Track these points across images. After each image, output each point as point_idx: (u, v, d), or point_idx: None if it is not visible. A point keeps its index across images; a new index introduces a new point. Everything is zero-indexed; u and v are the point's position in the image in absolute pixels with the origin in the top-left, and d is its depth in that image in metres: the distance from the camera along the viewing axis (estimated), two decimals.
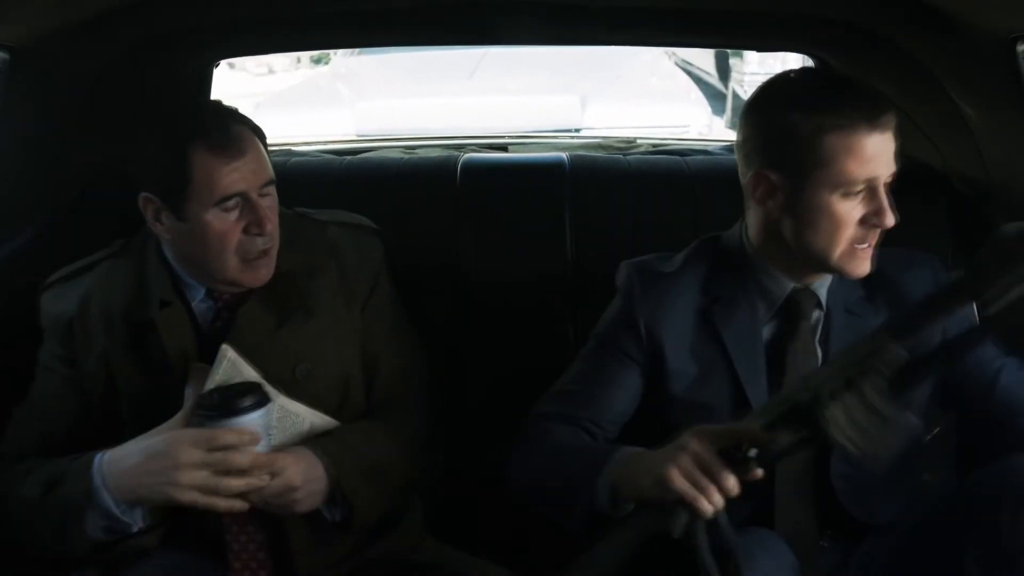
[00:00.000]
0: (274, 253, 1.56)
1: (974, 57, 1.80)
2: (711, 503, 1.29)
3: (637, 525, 1.36)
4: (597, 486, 1.40)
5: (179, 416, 1.43)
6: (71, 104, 1.91)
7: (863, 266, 1.50)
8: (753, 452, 1.31)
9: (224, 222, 1.50)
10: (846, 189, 1.46)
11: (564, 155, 2.17)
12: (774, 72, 1.64)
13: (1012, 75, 1.74)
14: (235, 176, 1.49)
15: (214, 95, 2.37)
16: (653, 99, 5.09)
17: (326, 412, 1.57)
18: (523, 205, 2.06)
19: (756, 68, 7.01)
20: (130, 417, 1.53)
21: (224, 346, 1.47)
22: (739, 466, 1.31)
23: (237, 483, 1.39)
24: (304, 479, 1.45)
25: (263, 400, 1.42)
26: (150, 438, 1.41)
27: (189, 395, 1.47)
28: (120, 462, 1.41)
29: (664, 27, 2.16)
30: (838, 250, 1.48)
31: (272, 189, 1.56)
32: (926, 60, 1.94)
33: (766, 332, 1.56)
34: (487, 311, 2.03)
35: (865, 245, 1.49)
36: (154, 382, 1.53)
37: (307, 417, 1.54)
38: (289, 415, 1.52)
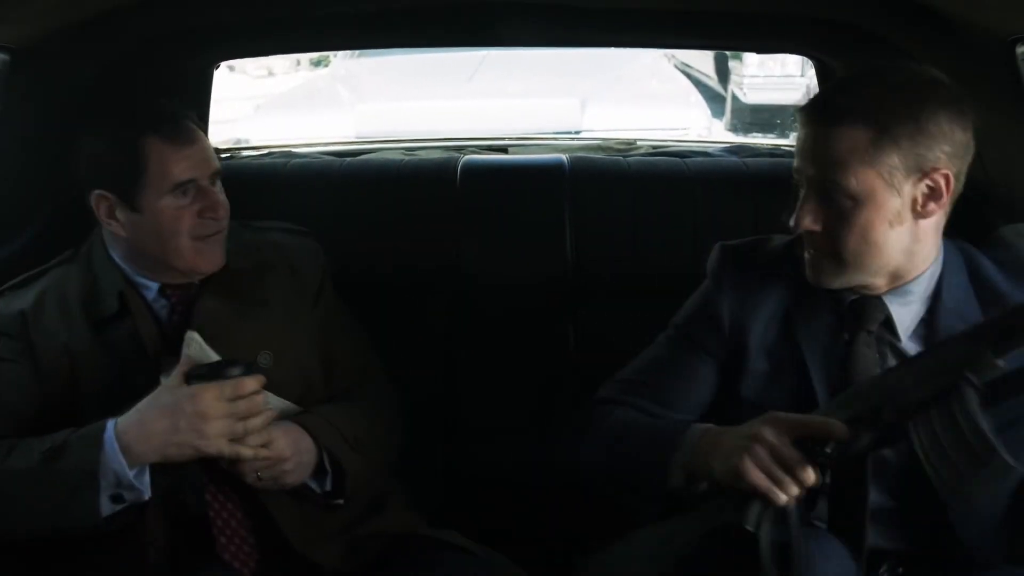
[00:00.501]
0: (224, 238, 1.62)
1: (974, 58, 1.80)
2: (787, 495, 1.24)
3: (709, 516, 1.31)
4: (671, 465, 1.35)
5: (169, 383, 1.44)
6: (71, 104, 1.91)
7: None
8: (831, 448, 1.24)
9: (178, 209, 1.55)
10: None
11: (564, 157, 2.17)
12: (774, 74, 1.62)
13: (1012, 76, 1.74)
14: (187, 163, 1.55)
15: (214, 97, 2.37)
16: (653, 101, 5.09)
17: (291, 399, 1.60)
18: (523, 207, 2.06)
19: (755, 71, 7.02)
20: (91, 409, 1.53)
21: (189, 332, 1.49)
22: (815, 460, 1.24)
23: (262, 420, 1.45)
24: (293, 450, 1.50)
25: (251, 368, 1.47)
26: (159, 400, 1.43)
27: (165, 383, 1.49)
28: (138, 427, 1.42)
29: (664, 29, 2.17)
30: None
31: (219, 182, 1.61)
32: (926, 61, 1.94)
33: (846, 342, 1.43)
34: (487, 312, 2.03)
35: None
36: (125, 372, 1.55)
37: (276, 404, 1.56)
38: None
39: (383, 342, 1.83)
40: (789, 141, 3.08)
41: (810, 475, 1.24)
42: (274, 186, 2.08)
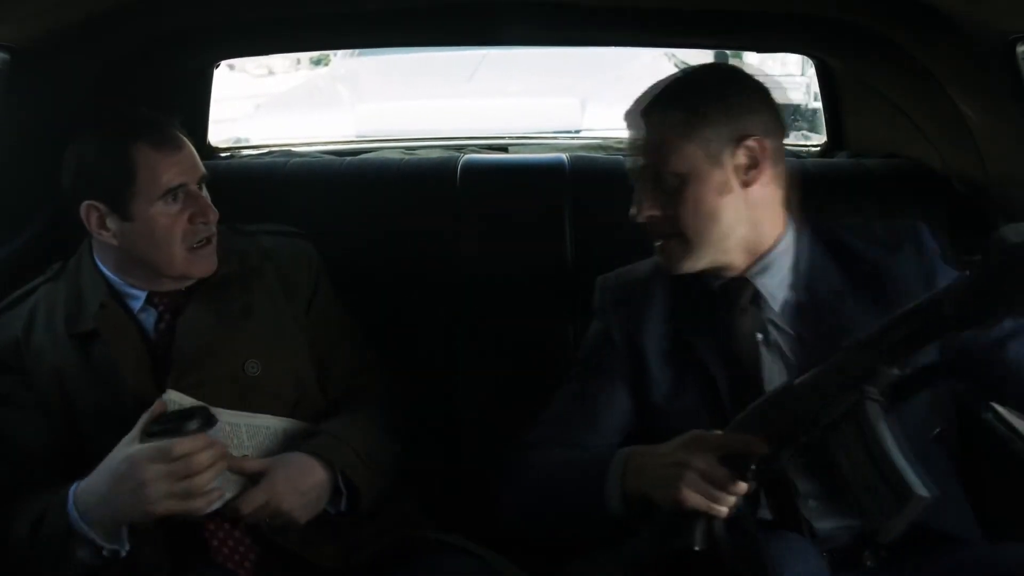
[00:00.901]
0: (215, 243, 1.62)
1: (974, 57, 1.80)
2: (726, 506, 1.29)
3: (655, 543, 1.34)
4: (604, 495, 1.38)
5: (128, 438, 1.43)
6: (71, 104, 1.91)
7: None
8: (755, 463, 1.29)
9: (169, 215, 1.57)
10: None
11: (564, 156, 2.17)
12: (774, 74, 1.65)
13: (1012, 75, 1.74)
14: (177, 169, 1.57)
15: (214, 96, 2.37)
16: None
17: (284, 410, 1.60)
18: (523, 206, 2.06)
19: (755, 70, 7.01)
20: (87, 430, 1.56)
21: (167, 392, 1.48)
22: (743, 474, 1.30)
23: (207, 476, 1.40)
24: (293, 492, 1.48)
25: (210, 420, 1.43)
26: (111, 462, 1.42)
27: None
28: (92, 493, 1.42)
29: (664, 28, 2.17)
30: None
31: (205, 187, 1.62)
32: (926, 60, 1.94)
33: (727, 328, 1.49)
34: (487, 312, 2.03)
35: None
36: (107, 392, 1.55)
37: (276, 425, 1.56)
38: (259, 430, 1.54)
39: (382, 342, 1.83)
40: (789, 140, 3.08)
41: (742, 487, 1.29)
42: (274, 185, 2.08)
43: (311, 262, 1.75)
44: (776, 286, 1.48)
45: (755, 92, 1.50)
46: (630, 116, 1.50)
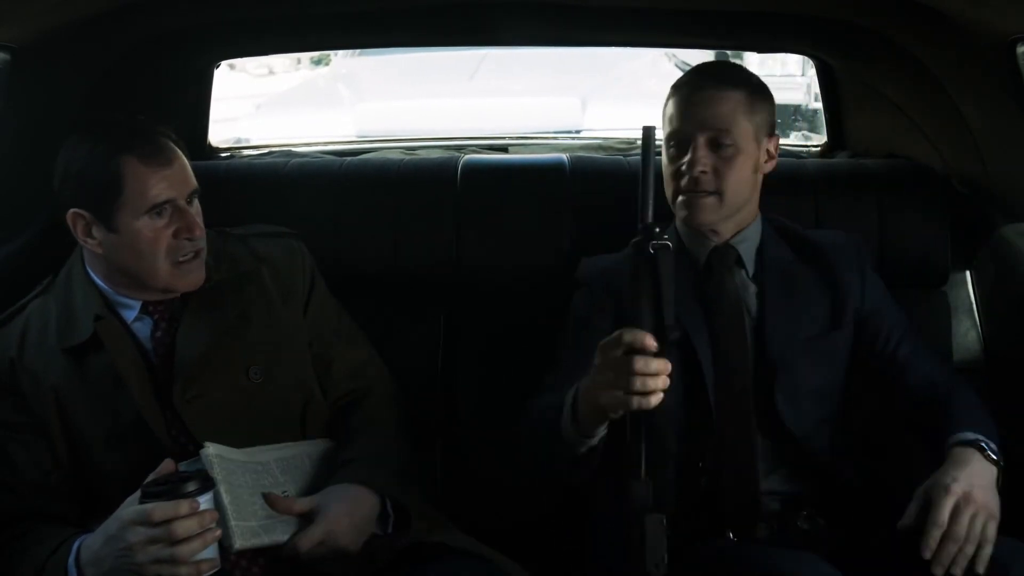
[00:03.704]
0: (203, 257, 1.60)
1: (974, 58, 1.81)
2: (649, 396, 1.33)
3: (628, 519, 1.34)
4: (562, 424, 1.47)
5: (132, 496, 1.41)
6: (71, 104, 1.91)
7: None
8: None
9: (154, 229, 1.54)
10: None
11: (564, 156, 2.17)
12: (774, 74, 1.69)
13: (1012, 75, 1.74)
14: (165, 184, 1.54)
15: (214, 96, 2.38)
16: (653, 100, 5.06)
17: (292, 414, 1.60)
18: (523, 206, 2.06)
19: (756, 70, 6.99)
20: (88, 450, 1.54)
21: (204, 447, 1.45)
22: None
23: (192, 546, 1.35)
24: (347, 517, 1.48)
25: (207, 485, 1.39)
26: (110, 520, 1.40)
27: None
28: (89, 549, 1.41)
29: (664, 28, 2.17)
30: None
31: (197, 199, 1.60)
32: (926, 60, 1.94)
33: (717, 284, 1.71)
34: (487, 311, 2.03)
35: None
36: (106, 407, 1.53)
37: (301, 451, 1.56)
38: (288, 462, 1.54)
39: (382, 341, 1.83)
40: (789, 140, 3.08)
41: (655, 365, 1.33)
42: (274, 186, 2.08)
43: (304, 262, 1.74)
44: (747, 255, 1.74)
45: (772, 99, 1.77)
46: (698, 85, 1.71)
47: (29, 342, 1.58)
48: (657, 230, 1.36)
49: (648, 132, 1.39)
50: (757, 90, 1.72)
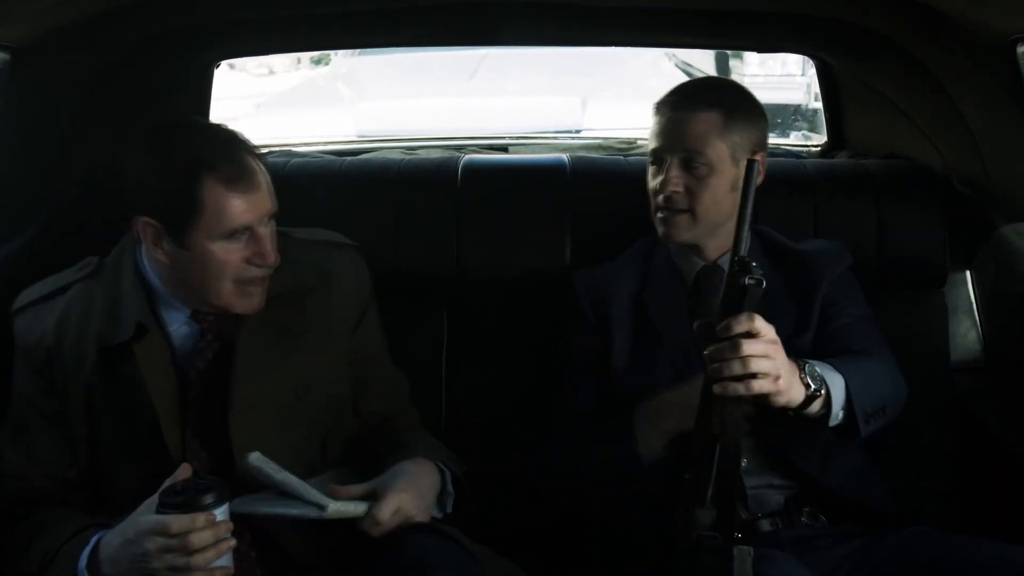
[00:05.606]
0: (267, 281, 1.55)
1: (974, 58, 1.80)
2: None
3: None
4: (634, 436, 1.57)
5: (148, 501, 1.39)
6: (71, 104, 1.91)
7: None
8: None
9: (228, 253, 1.49)
10: None
11: (564, 156, 2.17)
12: (774, 74, 1.69)
13: (1012, 76, 1.74)
14: (245, 208, 1.48)
15: (215, 95, 2.38)
16: (653, 100, 5.06)
17: (319, 432, 1.59)
18: (524, 206, 2.06)
19: (756, 70, 7.00)
20: (109, 449, 1.53)
21: (250, 456, 1.43)
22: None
23: (207, 556, 1.35)
24: (415, 488, 1.48)
25: (223, 497, 1.38)
26: (128, 522, 1.39)
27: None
28: (108, 548, 1.40)
29: (664, 28, 2.17)
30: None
31: (272, 221, 1.55)
32: (926, 60, 1.94)
33: (710, 299, 1.67)
34: (487, 312, 2.03)
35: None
36: (128, 413, 1.51)
37: (329, 476, 1.54)
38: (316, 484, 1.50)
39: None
40: (790, 140, 3.08)
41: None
42: (274, 185, 2.08)
43: (365, 280, 1.70)
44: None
45: (762, 115, 1.77)
46: (675, 105, 1.73)
47: (69, 329, 1.54)
48: (754, 264, 1.37)
49: (751, 166, 1.40)
50: (736, 109, 1.71)
